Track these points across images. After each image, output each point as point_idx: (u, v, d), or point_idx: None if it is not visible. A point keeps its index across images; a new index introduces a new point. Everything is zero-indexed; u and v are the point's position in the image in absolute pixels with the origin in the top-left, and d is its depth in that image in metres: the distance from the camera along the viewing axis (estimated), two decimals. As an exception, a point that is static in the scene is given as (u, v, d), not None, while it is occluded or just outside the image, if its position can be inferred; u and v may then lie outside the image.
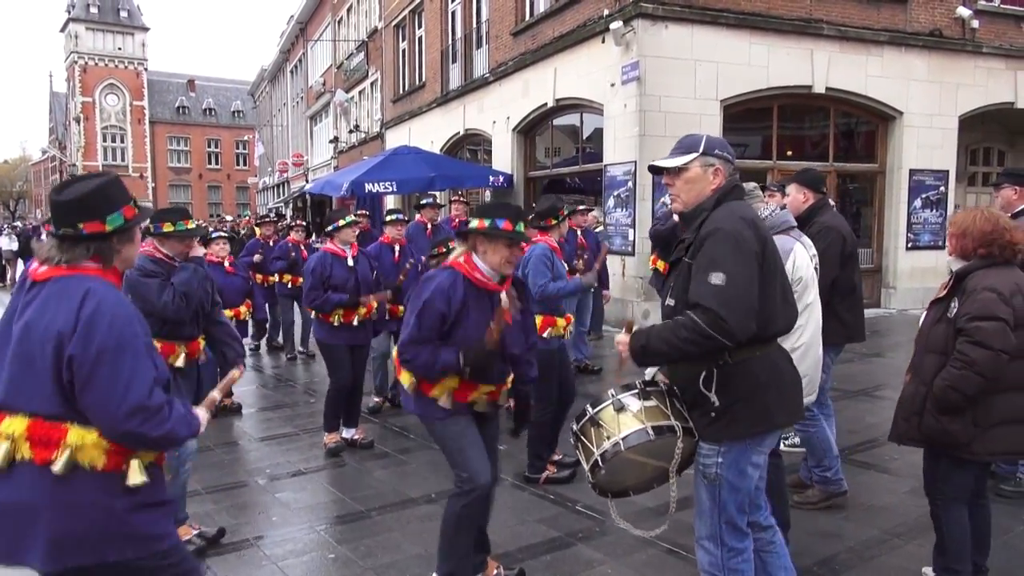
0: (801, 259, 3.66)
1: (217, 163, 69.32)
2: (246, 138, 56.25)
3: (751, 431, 2.74)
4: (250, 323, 10.27)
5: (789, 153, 13.12)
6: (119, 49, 63.77)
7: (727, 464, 2.77)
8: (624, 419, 2.82)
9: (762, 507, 3.04)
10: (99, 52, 62.66)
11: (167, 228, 4.36)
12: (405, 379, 3.50)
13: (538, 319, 5.17)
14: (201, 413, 2.50)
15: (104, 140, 63.37)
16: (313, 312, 6.08)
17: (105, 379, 2.19)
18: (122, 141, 64.20)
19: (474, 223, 3.45)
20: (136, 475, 2.30)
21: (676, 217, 3.39)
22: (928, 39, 13.25)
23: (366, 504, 4.91)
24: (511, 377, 3.68)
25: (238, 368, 3.09)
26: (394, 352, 3.63)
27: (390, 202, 19.71)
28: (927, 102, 13.39)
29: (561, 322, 5.23)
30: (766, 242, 2.73)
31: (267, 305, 9.97)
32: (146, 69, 65.13)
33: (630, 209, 11.63)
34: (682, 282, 2.75)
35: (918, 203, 13.69)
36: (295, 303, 10.02)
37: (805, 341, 3.68)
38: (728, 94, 11.80)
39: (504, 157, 15.65)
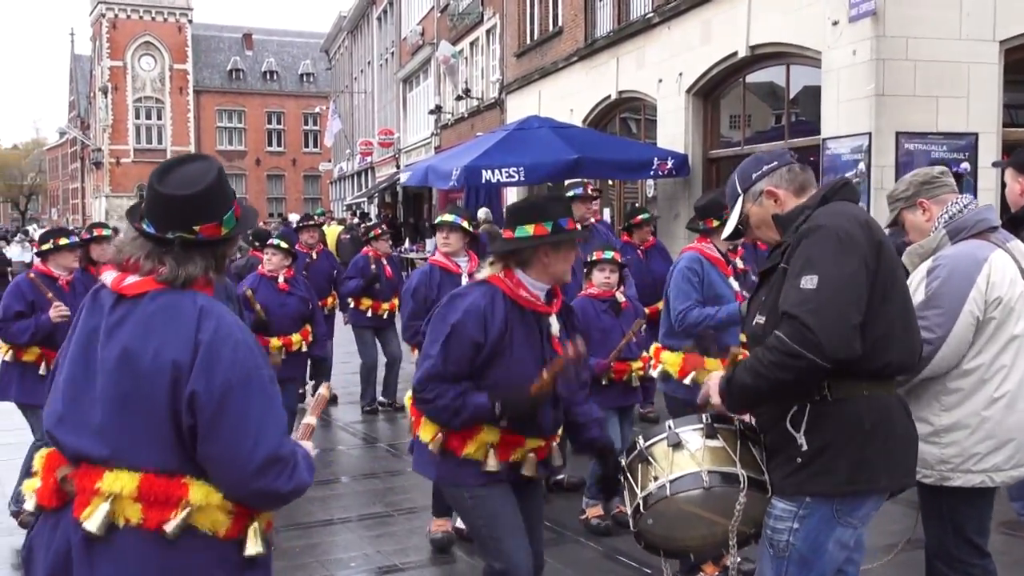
0: (1001, 273, 3.69)
1: (280, 144, 72.64)
2: (318, 110, 58.59)
3: (843, 488, 2.94)
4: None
5: (1107, 118, 12.38)
6: (157, -4, 68.04)
7: (803, 532, 2.98)
8: (679, 458, 3.10)
9: None
10: (132, 1, 67.01)
11: None
12: (427, 433, 3.74)
13: (677, 357, 5.28)
14: (308, 447, 2.66)
15: (137, 116, 67.73)
16: (416, 350, 6.15)
17: (232, 425, 2.35)
18: (159, 117, 68.42)
19: (528, 231, 3.65)
20: (253, 545, 2.48)
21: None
22: None
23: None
24: (561, 428, 3.91)
25: (324, 386, 3.32)
26: (407, 397, 3.88)
27: (512, 197, 19.95)
28: None
29: (714, 364, 5.06)
30: (882, 247, 2.98)
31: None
32: (191, 22, 69.25)
33: (862, 203, 11.25)
34: (776, 293, 3.02)
35: None
36: (376, 337, 10.29)
37: (1010, 389, 3.69)
38: (1012, 32, 11.28)
39: (674, 131, 15.56)
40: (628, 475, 3.27)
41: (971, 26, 11.11)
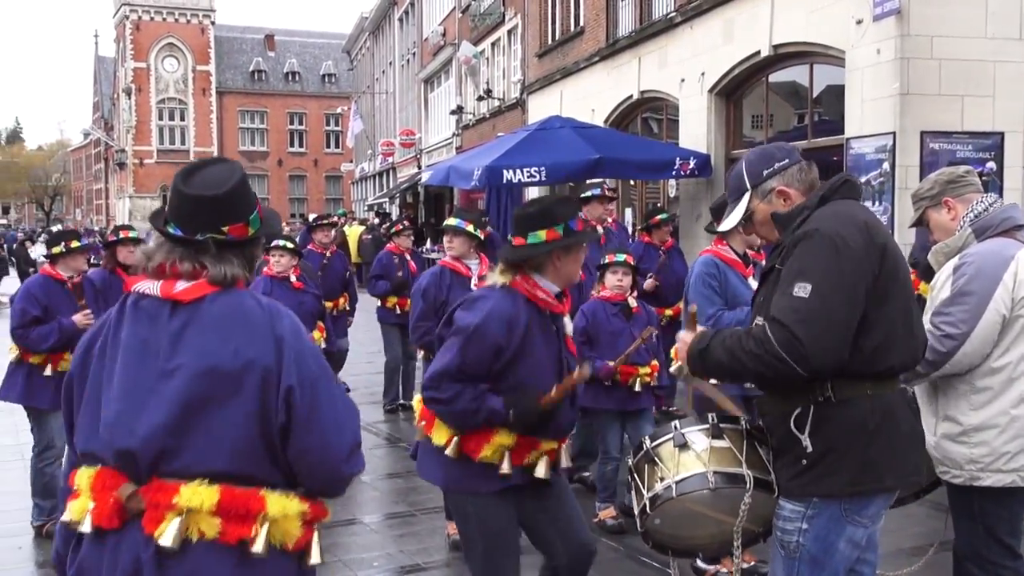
0: None
1: (302, 145, 72.91)
2: (339, 111, 58.67)
3: (849, 489, 2.96)
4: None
5: None
6: (181, -2, 68.50)
7: (813, 532, 3.00)
8: (685, 459, 3.16)
9: None
10: (156, 3, 67.49)
11: None
12: (439, 435, 3.71)
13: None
14: None
15: (160, 117, 68.14)
16: (422, 351, 6.18)
17: (326, 415, 2.42)
18: (182, 118, 68.81)
19: (541, 236, 3.69)
20: (316, 554, 2.52)
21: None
22: None
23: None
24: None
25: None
26: (417, 397, 3.87)
27: (533, 196, 19.97)
28: None
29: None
30: (885, 250, 2.99)
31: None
32: (213, 23, 69.60)
33: (886, 203, 11.23)
34: (770, 295, 3.04)
35: None
36: (402, 336, 10.23)
37: None
38: (1039, 30, 11.18)
39: (696, 131, 15.55)
40: (635, 476, 3.29)
41: (996, 25, 11.04)
